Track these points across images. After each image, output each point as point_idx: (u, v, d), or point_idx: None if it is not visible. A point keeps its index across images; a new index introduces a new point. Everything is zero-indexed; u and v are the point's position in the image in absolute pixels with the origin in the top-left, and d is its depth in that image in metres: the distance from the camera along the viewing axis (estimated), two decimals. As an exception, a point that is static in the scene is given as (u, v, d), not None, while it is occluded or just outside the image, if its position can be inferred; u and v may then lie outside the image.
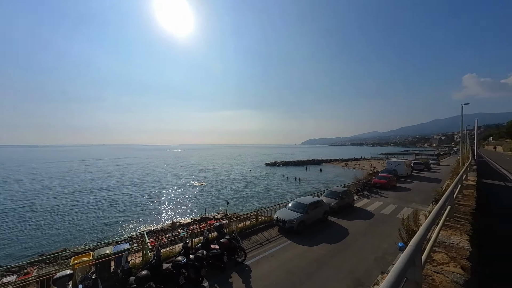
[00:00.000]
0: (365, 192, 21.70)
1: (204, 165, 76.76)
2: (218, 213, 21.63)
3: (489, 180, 12.56)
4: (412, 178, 27.10)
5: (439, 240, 2.40)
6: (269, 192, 34.29)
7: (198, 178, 49.08)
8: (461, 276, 1.70)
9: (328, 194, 16.69)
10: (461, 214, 3.41)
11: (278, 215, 12.04)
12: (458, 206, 3.93)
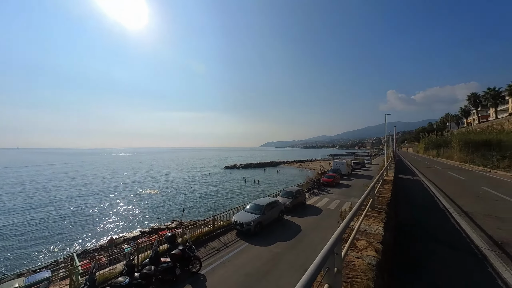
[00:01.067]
0: (315, 190, 23.99)
1: (158, 171, 70.03)
2: (172, 222, 20.02)
3: (402, 175, 15.89)
4: (352, 176, 31.50)
5: (362, 229, 2.88)
6: (228, 196, 33.91)
7: (150, 185, 44.39)
8: (374, 258, 2.08)
9: (283, 194, 17.69)
10: (380, 205, 4.20)
11: (236, 218, 12.01)
12: (378, 198, 4.80)
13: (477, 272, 3.77)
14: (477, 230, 5.55)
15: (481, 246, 4.68)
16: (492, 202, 8.52)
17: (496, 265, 3.92)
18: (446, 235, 5.35)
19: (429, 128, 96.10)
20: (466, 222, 6.13)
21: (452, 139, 34.83)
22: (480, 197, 9.35)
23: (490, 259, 4.15)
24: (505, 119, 43.32)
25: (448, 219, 6.52)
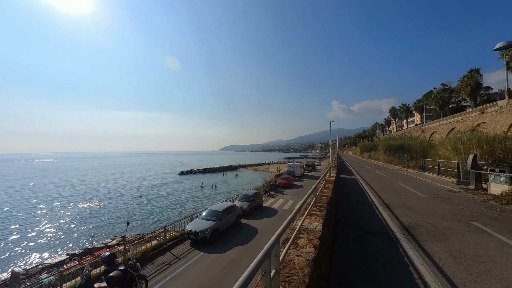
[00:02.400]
0: (272, 192, 25.06)
1: (96, 178, 59.48)
2: (113, 239, 17.28)
3: (343, 175, 18.41)
4: (304, 177, 34.36)
5: (304, 227, 3.18)
6: (183, 204, 31.74)
7: (87, 196, 37.28)
8: (312, 253, 2.32)
9: (241, 198, 17.78)
10: (322, 203, 4.73)
11: (190, 227, 11.35)
12: (321, 197, 5.41)
13: (391, 252, 4.67)
14: (393, 218, 6.90)
15: (395, 231, 5.84)
16: (404, 194, 10.76)
17: (404, 245, 4.95)
18: (371, 224, 6.45)
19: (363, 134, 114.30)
20: (385, 212, 7.54)
21: (379, 143, 42.52)
22: (396, 190, 11.68)
23: (401, 241, 5.21)
24: (412, 128, 55.55)
25: (374, 210, 7.88)
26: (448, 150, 20.66)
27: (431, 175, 18.09)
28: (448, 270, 3.91)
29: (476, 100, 41.02)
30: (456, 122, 34.59)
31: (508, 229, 5.86)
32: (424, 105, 59.07)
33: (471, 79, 39.71)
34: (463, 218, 6.81)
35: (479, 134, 20.56)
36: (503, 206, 8.35)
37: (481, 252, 4.61)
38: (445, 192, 11.28)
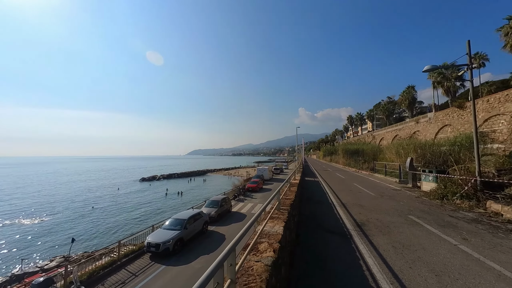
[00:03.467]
0: (241, 196, 24.96)
1: (35, 188, 49.73)
2: (52, 260, 14.60)
3: (308, 178, 19.60)
4: (272, 180, 35.25)
5: (266, 231, 3.26)
6: (144, 214, 29.00)
7: (21, 211, 30.76)
8: (271, 258, 2.38)
9: (208, 204, 17.20)
10: (285, 206, 4.93)
11: (151, 239, 10.42)
12: (285, 200, 5.64)
13: (346, 248, 5.13)
14: (348, 216, 7.61)
15: (350, 228, 6.44)
16: (358, 193, 11.99)
17: (357, 241, 5.49)
18: (330, 223, 6.98)
19: (326, 139, 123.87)
20: (342, 211, 8.28)
21: (338, 148, 46.76)
22: (352, 190, 12.95)
23: (354, 237, 5.77)
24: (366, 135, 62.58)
25: (332, 210, 8.57)
26: (392, 154, 23.97)
27: (380, 175, 20.67)
28: (390, 260, 4.48)
29: (412, 111, 48.85)
30: (399, 130, 40.48)
31: (435, 220, 7.07)
32: (374, 115, 67.60)
33: (408, 94, 47.25)
34: (402, 213, 7.95)
35: (415, 141, 24.48)
36: (431, 200, 10.06)
37: (415, 241, 5.44)
38: (390, 190, 13.02)
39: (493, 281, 3.73)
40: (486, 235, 5.80)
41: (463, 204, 8.84)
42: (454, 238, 5.55)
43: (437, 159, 16.40)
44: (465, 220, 7.07)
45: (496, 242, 5.35)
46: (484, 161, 11.71)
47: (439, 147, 18.04)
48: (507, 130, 18.48)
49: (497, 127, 19.95)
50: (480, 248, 4.99)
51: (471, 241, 5.38)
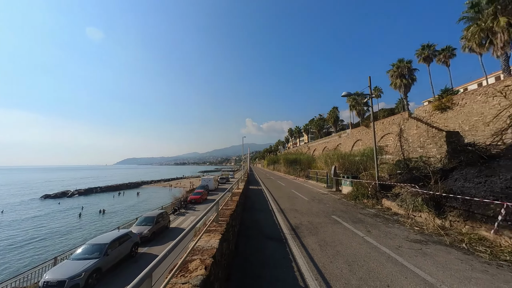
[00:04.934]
0: (182, 210, 22.91)
1: None
2: None
3: (252, 186, 20.21)
4: (218, 190, 34.26)
5: (200, 247, 3.07)
6: (41, 243, 22.06)
7: None
8: (201, 276, 2.23)
9: (140, 222, 14.91)
10: (224, 217, 4.84)
11: (50, 276, 7.96)
12: (225, 210, 5.55)
13: (281, 252, 5.46)
14: (285, 221, 8.21)
15: (286, 233, 6.94)
16: (295, 199, 13.21)
17: (291, 244, 5.95)
18: (269, 229, 7.32)
19: (270, 149, 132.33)
20: (280, 217, 8.88)
21: (280, 157, 50.84)
22: (290, 196, 14.16)
23: (288, 240, 6.24)
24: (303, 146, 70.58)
25: (272, 216, 9.07)
26: (322, 162, 27.98)
27: (313, 182, 23.61)
28: (316, 258, 5.07)
29: (337, 128, 59.26)
30: (327, 142, 47.94)
31: (350, 218, 8.58)
32: (309, 129, 77.93)
33: (333, 113, 57.36)
34: (327, 214, 9.27)
35: (338, 152, 29.51)
36: (348, 201, 12.23)
37: (335, 238, 6.40)
38: (319, 194, 15.02)
39: (384, 262, 4.80)
40: (381, 226, 7.48)
41: (368, 203, 11.19)
42: (362, 231, 6.87)
43: (353, 167, 20.30)
44: (369, 215, 8.93)
45: (387, 231, 6.97)
46: (381, 168, 15.31)
47: (354, 157, 22.44)
48: (393, 145, 25.00)
49: (388, 142, 26.70)
50: (377, 237, 6.36)
51: (372, 232, 6.80)
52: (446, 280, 4.05)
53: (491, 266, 4.56)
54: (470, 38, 24.20)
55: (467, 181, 7.55)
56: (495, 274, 4.26)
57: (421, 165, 11.92)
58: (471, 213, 6.40)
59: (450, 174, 8.80)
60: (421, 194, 8.02)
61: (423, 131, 21.50)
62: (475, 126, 17.27)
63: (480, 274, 4.26)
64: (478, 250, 5.27)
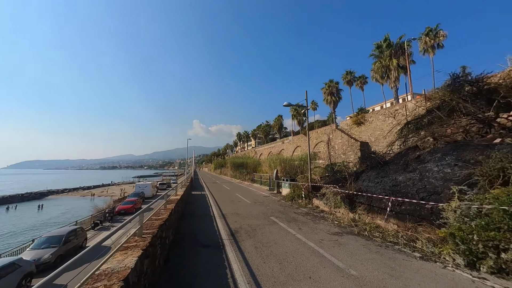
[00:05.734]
0: (107, 223, 19.16)
1: None
2: None
3: (195, 192, 19.11)
4: (156, 197, 30.64)
5: (109, 269, 2.55)
6: None
7: None
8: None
9: (39, 244, 11.49)
10: (151, 229, 4.28)
11: None
12: (154, 221, 4.94)
13: (217, 260, 5.29)
14: (225, 226, 8.08)
15: (224, 238, 6.80)
16: (238, 203, 13.28)
17: (228, 250, 5.87)
18: (208, 236, 7.02)
19: (218, 153, 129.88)
20: (221, 222, 8.69)
21: (227, 161, 50.62)
22: (233, 200, 14.15)
23: (226, 246, 6.13)
24: (250, 150, 72.65)
25: (212, 222, 8.77)
26: (267, 166, 29.54)
27: (257, 185, 24.54)
28: (251, 260, 5.17)
29: (281, 134, 64.31)
30: (272, 147, 51.16)
31: (285, 218, 9.30)
32: (257, 134, 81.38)
33: (278, 121, 62.13)
34: (266, 215, 9.75)
35: (281, 156, 31.94)
36: (286, 202, 13.30)
37: (271, 238, 6.75)
38: (262, 197, 15.70)
39: (309, 256, 5.38)
40: (310, 223, 8.45)
41: (302, 203, 12.50)
42: (294, 229, 7.55)
43: (292, 170, 22.37)
44: (302, 214, 9.96)
45: (314, 226, 7.93)
46: (314, 171, 17.49)
47: (293, 162, 24.79)
48: (324, 151, 29.14)
49: (321, 149, 30.93)
50: (306, 233, 7.13)
51: (303, 229, 7.57)
52: (352, 264, 4.91)
53: (382, 248, 5.86)
54: (375, 71, 31.38)
55: (370, 181, 9.58)
56: (384, 253, 5.49)
57: (343, 169, 14.34)
58: (371, 207, 8.12)
59: (360, 176, 10.95)
60: (340, 193, 9.60)
61: (345, 140, 26.08)
62: (378, 139, 22.29)
63: (374, 255, 5.39)
64: (374, 236, 6.69)
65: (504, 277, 4.16)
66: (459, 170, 6.53)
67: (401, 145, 11.83)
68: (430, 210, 6.14)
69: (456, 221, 4.87)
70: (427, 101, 12.53)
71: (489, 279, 4.14)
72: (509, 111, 8.09)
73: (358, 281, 4.18)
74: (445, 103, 9.75)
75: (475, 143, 7.53)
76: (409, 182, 7.76)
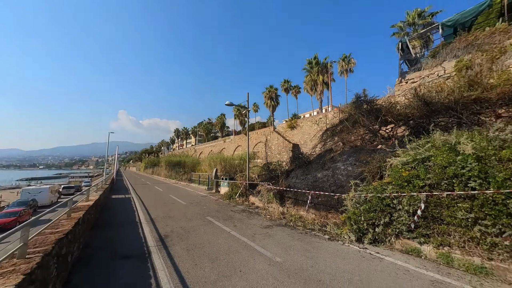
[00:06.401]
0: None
1: None
2: None
3: (116, 195, 16.15)
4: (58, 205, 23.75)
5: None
6: None
7: None
8: None
9: None
10: (44, 246, 3.30)
11: None
12: (48, 236, 3.83)
13: (140, 270, 4.68)
14: (153, 232, 7.26)
15: (151, 245, 6.10)
16: (171, 205, 12.22)
17: (154, 257, 5.29)
18: (128, 246, 6.09)
19: (151, 150, 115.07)
20: (148, 228, 7.75)
21: (162, 160, 45.67)
22: (166, 203, 12.91)
23: (153, 253, 5.52)
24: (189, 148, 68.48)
25: (137, 228, 7.69)
26: (207, 165, 28.63)
27: (195, 185, 23.39)
28: (181, 264, 4.88)
29: (223, 133, 63.92)
30: (213, 146, 50.07)
31: (222, 216, 9.32)
32: (198, 131, 77.54)
33: (221, 119, 61.54)
34: (202, 216, 9.46)
35: (221, 155, 31.71)
36: (224, 201, 13.35)
37: (205, 238, 6.60)
38: (199, 197, 15.09)
39: (241, 250, 5.62)
40: (245, 219, 8.84)
41: (240, 200, 12.90)
42: (229, 227, 7.69)
43: (232, 169, 22.63)
44: (238, 211, 10.27)
45: (249, 222, 8.35)
46: (253, 170, 18.36)
47: (234, 161, 25.16)
48: (263, 151, 31.15)
49: (260, 149, 32.87)
50: (240, 229, 7.41)
51: (237, 226, 7.82)
52: (278, 252, 5.49)
53: (302, 234, 6.86)
54: (307, 83, 36.32)
55: (297, 178, 11.03)
56: (303, 239, 6.45)
57: (277, 167, 15.80)
58: (297, 200, 9.37)
59: (290, 174, 12.41)
60: (273, 189, 10.54)
61: (281, 142, 28.83)
62: (306, 142, 25.85)
63: (296, 242, 6.24)
64: (298, 225, 7.75)
65: (377, 245, 5.76)
66: (356, 168, 8.52)
67: (321, 148, 14.23)
68: (337, 200, 7.69)
69: (352, 207, 6.33)
70: (341, 113, 15.66)
71: (368, 248, 5.62)
72: (387, 126, 11.28)
73: (281, 266, 4.73)
74: (351, 116, 12.47)
75: (367, 148, 10.04)
76: (324, 178, 9.44)
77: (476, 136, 5.24)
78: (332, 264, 4.82)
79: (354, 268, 4.60)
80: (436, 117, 8.07)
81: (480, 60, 8.96)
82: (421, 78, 11.97)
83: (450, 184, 4.93)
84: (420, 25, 25.26)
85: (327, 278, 4.23)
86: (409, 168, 5.84)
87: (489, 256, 4.20)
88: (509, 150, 4.49)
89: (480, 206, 4.38)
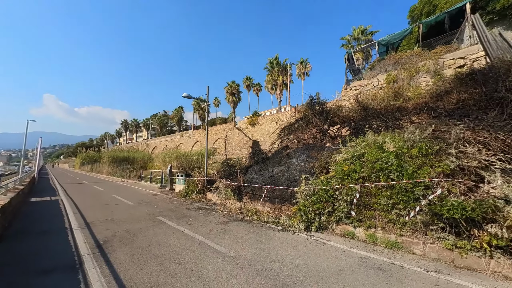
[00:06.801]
0: None
1: None
2: None
3: (38, 198, 13.11)
4: None
5: None
6: None
7: None
8: None
9: None
10: None
11: None
12: None
13: (66, 284, 3.95)
14: (88, 238, 6.22)
15: (84, 254, 5.20)
16: (114, 206, 10.74)
17: (87, 267, 4.52)
18: (52, 258, 5.04)
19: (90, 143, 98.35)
20: (82, 234, 6.60)
21: (104, 155, 39.60)
22: (108, 204, 11.27)
23: (86, 263, 4.71)
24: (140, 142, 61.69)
25: (66, 236, 6.44)
26: (160, 162, 26.32)
27: (146, 183, 21.22)
28: (123, 271, 4.33)
29: (180, 127, 59.81)
30: (168, 141, 46.37)
31: (175, 215, 8.74)
32: (150, 124, 70.28)
33: (178, 112, 57.42)
34: (153, 216, 8.66)
35: (177, 151, 29.70)
36: (179, 199, 12.56)
37: (154, 240, 6.07)
38: (150, 196, 13.76)
39: (195, 249, 5.40)
40: (201, 216, 8.54)
41: (196, 198, 12.38)
42: (183, 226, 7.28)
43: (190, 165, 21.46)
44: (194, 209, 9.84)
45: (205, 219, 8.11)
46: (212, 166, 17.84)
47: (192, 157, 23.90)
48: (223, 147, 30.62)
49: (220, 145, 32.25)
50: (195, 227, 7.11)
51: (192, 224, 7.49)
52: (233, 247, 5.52)
53: (257, 227, 7.09)
54: (268, 82, 37.41)
55: (256, 174, 11.32)
56: (258, 232, 6.67)
57: (237, 163, 15.81)
58: (254, 195, 9.62)
59: (249, 170, 12.63)
60: (231, 185, 10.51)
61: (241, 138, 28.97)
62: (265, 139, 26.74)
63: (251, 235, 6.41)
64: (254, 219, 7.97)
65: (322, 232, 6.46)
66: (308, 164, 9.31)
67: (279, 145, 14.97)
68: (290, 194, 8.25)
69: (302, 199, 6.90)
70: (297, 113, 16.82)
71: (315, 235, 6.25)
72: (334, 126, 12.72)
73: (235, 260, 4.77)
74: (305, 116, 13.52)
75: (318, 146, 11.09)
76: (280, 173, 9.98)
77: (396, 137, 6.43)
78: (282, 253, 5.15)
79: (302, 254, 5.03)
80: (371, 121, 9.55)
81: (402, 76, 11.02)
82: (361, 87, 13.91)
83: (377, 176, 5.92)
84: (363, 41, 29.30)
85: (277, 266, 4.49)
86: (349, 163, 6.73)
87: (401, 233, 5.27)
88: (417, 149, 5.70)
89: (396, 193, 5.42)
